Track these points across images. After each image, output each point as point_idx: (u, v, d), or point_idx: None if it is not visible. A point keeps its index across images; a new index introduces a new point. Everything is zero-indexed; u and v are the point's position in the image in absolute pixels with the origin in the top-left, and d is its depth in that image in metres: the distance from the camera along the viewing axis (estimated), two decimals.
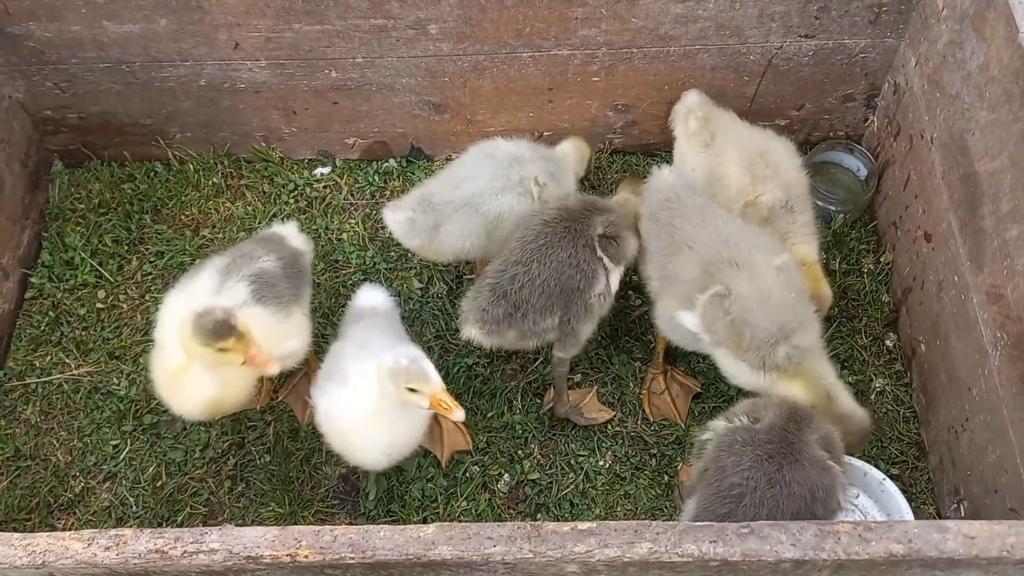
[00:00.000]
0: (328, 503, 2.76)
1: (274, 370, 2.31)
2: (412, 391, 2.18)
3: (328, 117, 3.20)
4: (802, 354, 2.41)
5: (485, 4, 2.82)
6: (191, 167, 3.31)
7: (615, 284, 2.63)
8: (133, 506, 2.74)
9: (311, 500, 2.75)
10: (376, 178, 3.33)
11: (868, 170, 3.20)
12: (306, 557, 1.77)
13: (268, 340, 2.35)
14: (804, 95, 3.16)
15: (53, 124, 3.22)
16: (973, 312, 2.53)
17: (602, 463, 2.80)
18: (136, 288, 3.11)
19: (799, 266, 2.60)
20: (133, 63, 2.99)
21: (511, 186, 2.67)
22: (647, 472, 2.79)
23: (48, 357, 2.99)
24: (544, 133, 3.21)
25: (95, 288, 3.10)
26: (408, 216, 2.66)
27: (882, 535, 1.78)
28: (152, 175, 3.32)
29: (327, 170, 3.35)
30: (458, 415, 2.17)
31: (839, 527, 1.79)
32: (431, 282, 3.10)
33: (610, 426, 2.85)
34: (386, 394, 2.24)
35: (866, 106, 3.19)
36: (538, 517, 2.72)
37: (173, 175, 3.31)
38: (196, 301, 2.36)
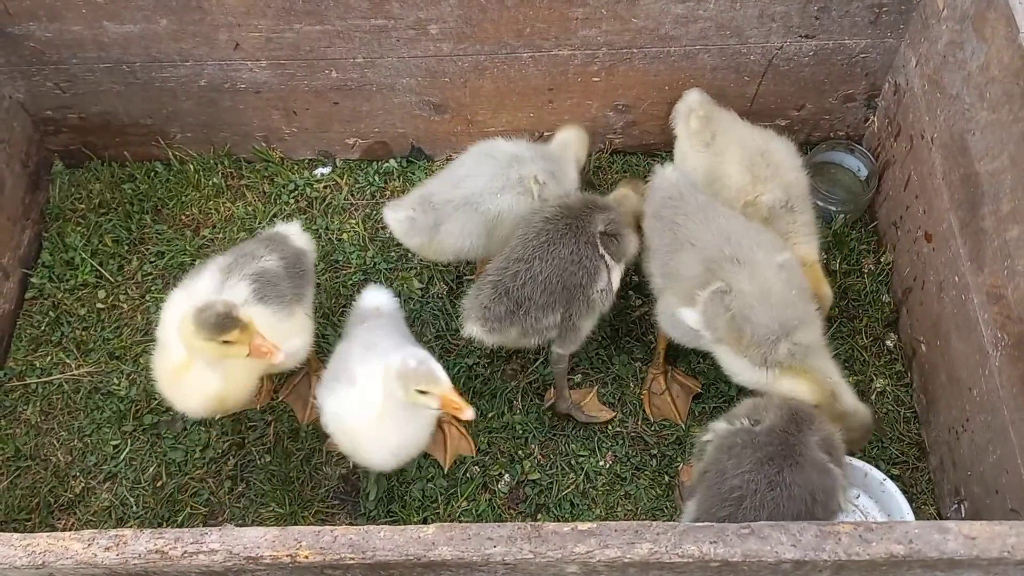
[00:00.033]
0: (328, 503, 2.76)
1: (280, 358, 2.28)
2: (422, 393, 2.18)
3: (328, 117, 3.20)
4: (804, 351, 2.41)
5: (485, 4, 2.82)
6: (191, 167, 3.31)
7: (616, 281, 2.63)
8: (133, 506, 2.74)
9: (311, 500, 2.75)
10: (376, 178, 3.33)
11: (868, 170, 3.20)
12: (306, 557, 1.77)
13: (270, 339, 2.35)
14: (804, 95, 3.16)
15: (54, 124, 3.22)
16: (974, 312, 2.52)
17: (602, 463, 2.80)
18: (136, 288, 3.11)
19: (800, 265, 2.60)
20: (133, 63, 2.99)
21: (511, 185, 2.67)
22: (647, 472, 2.79)
23: (48, 357, 2.99)
24: (544, 133, 3.21)
25: (95, 288, 3.10)
26: (408, 215, 2.66)
27: (883, 536, 1.78)
28: (152, 175, 3.32)
29: (327, 170, 3.35)
30: (468, 414, 2.17)
31: (840, 528, 1.79)
32: (431, 282, 3.10)
33: (610, 426, 2.85)
34: (393, 395, 2.24)
35: (866, 106, 3.19)
36: (538, 517, 2.72)
37: (173, 175, 3.31)
38: (198, 300, 2.35)
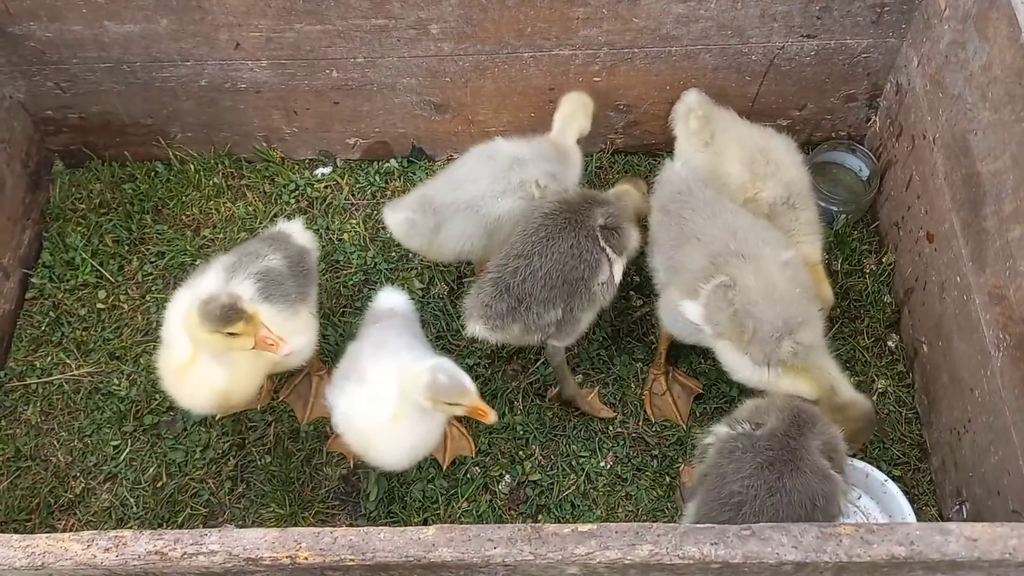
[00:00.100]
0: (329, 504, 2.75)
1: (285, 350, 2.30)
2: (449, 404, 2.24)
3: (329, 117, 3.20)
4: (806, 351, 2.41)
5: (486, 4, 2.81)
6: (192, 167, 3.30)
7: (618, 275, 2.63)
8: (133, 507, 2.74)
9: (312, 501, 2.74)
10: (377, 178, 3.33)
11: (870, 170, 3.20)
12: (306, 559, 1.77)
13: None
14: (806, 95, 3.15)
15: (54, 124, 3.21)
16: (975, 313, 2.52)
17: (603, 464, 2.80)
18: (137, 288, 3.11)
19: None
20: (134, 63, 2.99)
21: (512, 189, 2.67)
22: (648, 473, 2.78)
23: (49, 357, 2.99)
24: (545, 133, 3.20)
25: (96, 288, 3.10)
26: (408, 217, 2.66)
27: (884, 537, 1.77)
28: (153, 175, 3.32)
29: (328, 170, 3.35)
30: (492, 418, 2.25)
31: (841, 529, 1.79)
32: (432, 282, 3.09)
33: (611, 427, 2.85)
34: (409, 397, 2.27)
35: (868, 106, 3.19)
36: (539, 518, 2.72)
37: (174, 175, 3.31)
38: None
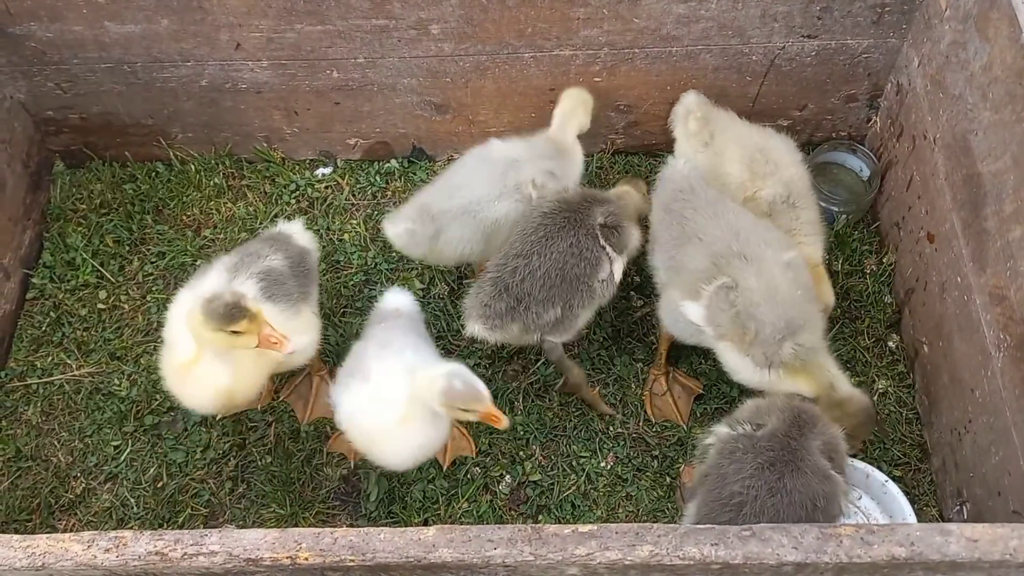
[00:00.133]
0: (329, 504, 2.75)
1: (289, 348, 2.30)
2: (463, 410, 2.25)
3: (330, 117, 3.20)
4: (807, 353, 2.41)
5: (487, 4, 2.81)
6: (192, 167, 3.30)
7: (618, 273, 2.63)
8: (134, 507, 2.74)
9: (312, 501, 2.74)
10: (378, 178, 3.32)
11: (871, 171, 3.19)
12: (306, 559, 1.77)
13: None
14: (807, 95, 3.15)
15: (55, 124, 3.21)
16: (976, 313, 2.52)
17: (604, 464, 2.79)
18: (137, 289, 3.11)
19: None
20: (135, 63, 2.99)
21: (508, 192, 2.68)
22: (649, 473, 2.78)
23: (49, 358, 2.99)
24: (544, 131, 3.20)
25: (96, 288, 3.10)
26: (408, 227, 2.68)
27: (884, 538, 1.77)
28: (153, 175, 3.32)
29: (328, 170, 3.35)
30: (505, 423, 2.27)
31: (841, 530, 1.79)
32: (432, 283, 3.09)
33: (612, 427, 2.85)
34: (417, 400, 2.28)
35: (869, 106, 3.18)
36: (540, 519, 2.72)
37: (174, 175, 3.31)
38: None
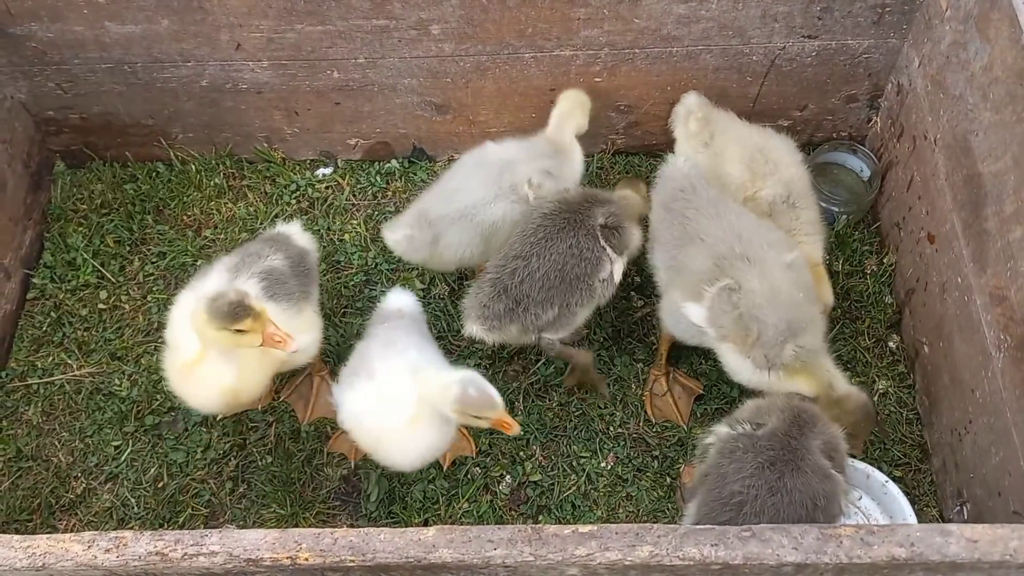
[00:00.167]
0: (329, 504, 2.75)
1: (293, 347, 2.30)
2: (475, 416, 2.26)
3: (330, 118, 3.20)
4: (808, 354, 2.41)
5: (487, 4, 2.81)
6: (193, 168, 3.30)
7: (618, 274, 2.63)
8: (134, 507, 2.74)
9: (312, 501, 2.74)
10: (378, 179, 3.33)
11: (871, 171, 3.19)
12: (306, 560, 1.77)
13: None
14: (807, 96, 3.15)
15: (55, 124, 3.22)
16: (976, 314, 2.52)
17: (604, 465, 2.80)
18: (138, 289, 3.11)
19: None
20: (135, 64, 2.99)
21: (503, 193, 2.68)
22: (649, 474, 2.78)
23: (50, 358, 2.99)
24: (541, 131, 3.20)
25: (97, 289, 3.10)
26: (407, 234, 2.69)
27: (884, 539, 1.77)
28: (154, 176, 3.32)
29: (329, 171, 3.35)
30: (516, 430, 2.28)
31: (841, 531, 1.78)
32: (433, 283, 3.09)
33: (612, 427, 2.85)
34: (426, 403, 2.29)
35: (869, 107, 3.18)
36: (540, 519, 2.72)
37: (175, 176, 3.31)
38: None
